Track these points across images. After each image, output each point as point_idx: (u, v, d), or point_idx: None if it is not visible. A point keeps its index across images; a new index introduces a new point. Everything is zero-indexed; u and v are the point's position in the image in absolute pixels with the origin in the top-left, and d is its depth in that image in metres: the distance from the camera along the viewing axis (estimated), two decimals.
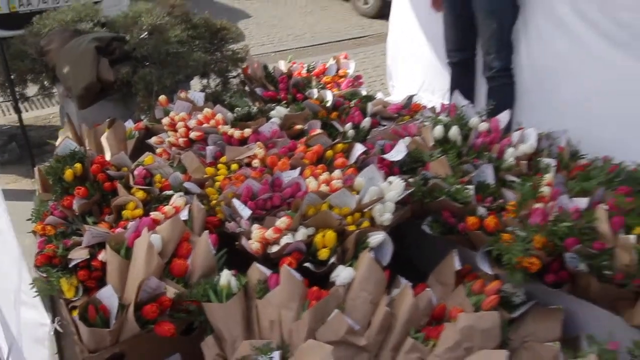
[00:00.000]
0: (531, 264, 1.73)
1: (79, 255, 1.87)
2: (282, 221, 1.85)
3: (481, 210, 1.96)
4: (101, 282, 1.85)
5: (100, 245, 1.89)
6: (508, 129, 2.51)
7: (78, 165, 2.11)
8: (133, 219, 1.97)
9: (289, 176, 2.08)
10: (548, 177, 2.02)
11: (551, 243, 1.75)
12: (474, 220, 1.91)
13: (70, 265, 1.86)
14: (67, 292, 1.82)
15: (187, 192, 2.13)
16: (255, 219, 1.96)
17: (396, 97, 3.29)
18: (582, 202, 1.86)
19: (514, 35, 2.77)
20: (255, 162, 2.24)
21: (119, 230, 1.94)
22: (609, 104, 2.45)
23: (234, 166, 2.26)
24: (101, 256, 1.86)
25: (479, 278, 1.81)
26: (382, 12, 6.14)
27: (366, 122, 2.59)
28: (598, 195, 1.89)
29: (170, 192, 2.11)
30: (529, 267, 1.73)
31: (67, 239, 1.98)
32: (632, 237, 1.68)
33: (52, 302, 2.25)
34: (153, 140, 2.53)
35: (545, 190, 1.95)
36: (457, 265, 1.87)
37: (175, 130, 2.47)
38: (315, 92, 2.81)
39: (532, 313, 1.79)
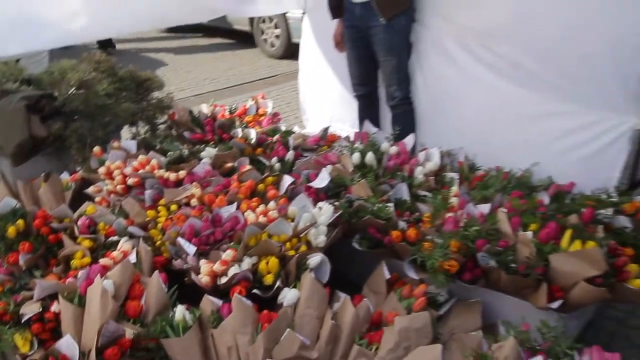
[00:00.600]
0: (450, 266, 1.86)
1: (31, 309, 1.82)
2: (227, 254, 1.89)
3: (402, 224, 2.09)
4: (55, 333, 1.81)
5: (52, 297, 1.85)
6: (414, 150, 2.68)
7: (20, 222, 2.06)
8: (82, 267, 1.94)
9: (227, 211, 2.13)
10: (454, 189, 2.20)
11: (465, 246, 1.90)
12: (397, 234, 2.03)
13: (22, 321, 1.80)
14: (22, 347, 1.77)
15: (131, 236, 2.12)
16: (200, 254, 1.99)
17: (311, 129, 3.41)
18: (485, 208, 2.04)
19: (411, 68, 2.94)
20: (194, 201, 2.26)
21: (69, 280, 1.90)
22: (495, 122, 2.66)
23: (174, 207, 2.27)
24: (54, 307, 1.82)
25: (407, 284, 1.91)
26: (288, 53, 6.35)
27: (290, 155, 2.68)
28: (497, 200, 2.09)
29: (116, 237, 2.09)
30: (448, 269, 1.86)
31: (17, 295, 1.91)
32: (529, 234, 1.87)
33: None
34: (91, 189, 2.49)
35: (453, 200, 2.12)
36: (386, 275, 1.98)
37: (112, 179, 2.45)
38: (239, 132, 2.86)
39: (455, 308, 1.91)
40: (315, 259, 1.90)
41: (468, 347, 1.68)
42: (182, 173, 2.44)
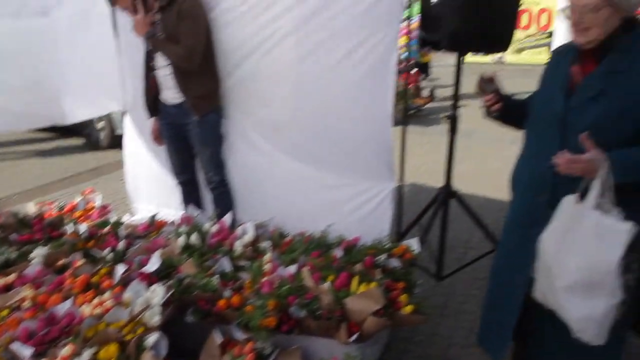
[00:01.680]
0: (270, 322, 2.03)
1: None
2: (66, 350, 1.83)
3: (227, 293, 2.21)
4: None
5: None
6: (233, 226, 2.85)
7: None
8: None
9: (63, 308, 2.05)
10: (267, 256, 2.40)
11: (279, 303, 2.08)
12: (223, 302, 2.14)
13: None
14: None
15: None
16: (39, 354, 1.88)
17: (140, 216, 3.39)
18: (293, 269, 2.27)
19: (224, 155, 3.10)
20: (27, 303, 2.13)
21: None
22: (295, 195, 2.91)
23: (4, 313, 2.11)
24: None
25: (237, 344, 2.04)
26: (113, 143, 6.13)
27: (121, 244, 2.65)
28: (301, 261, 2.33)
29: None
30: (268, 324, 2.02)
31: None
32: (327, 284, 2.13)
33: None
34: None
35: (267, 266, 2.32)
36: (218, 340, 2.06)
37: None
38: (70, 227, 2.77)
39: (280, 357, 2.07)
40: (152, 338, 1.92)
41: None
42: (11, 277, 2.28)
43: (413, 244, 2.50)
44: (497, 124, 2.06)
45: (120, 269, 2.31)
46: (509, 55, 14.17)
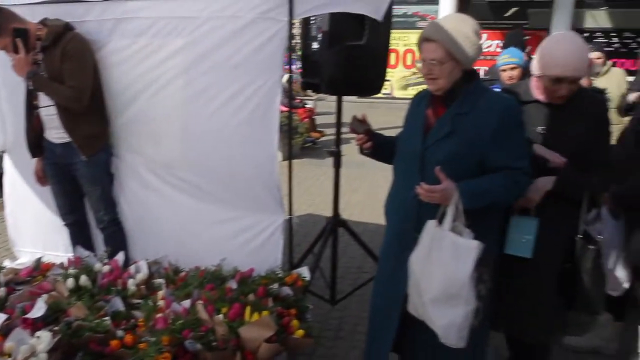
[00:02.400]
0: (165, 357, 2.04)
1: None
2: None
3: (119, 333, 2.19)
4: None
5: None
6: (127, 265, 2.81)
7: None
8: None
9: None
10: (161, 293, 2.41)
11: (174, 338, 2.10)
12: (116, 342, 2.11)
13: None
14: None
15: None
16: None
17: (24, 260, 3.21)
18: (187, 303, 2.31)
19: (115, 194, 3.05)
20: None
21: None
22: (189, 231, 2.93)
23: None
24: None
25: None
26: None
27: (1, 291, 2.51)
28: (195, 295, 2.37)
29: None
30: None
31: None
32: (220, 316, 2.20)
33: None
34: None
35: (161, 302, 2.33)
36: None
37: None
38: None
39: None
40: None
41: None
42: None
43: (304, 272, 2.65)
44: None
45: (1, 318, 2.19)
46: (396, 91, 15.31)
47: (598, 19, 16.13)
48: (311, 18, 2.80)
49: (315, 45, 2.83)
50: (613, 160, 2.44)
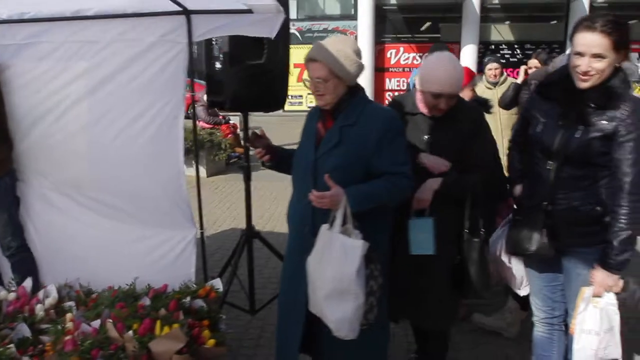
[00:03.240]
0: None
1: None
2: None
3: (26, 359, 2.16)
4: None
5: None
6: (37, 290, 2.75)
7: None
8: None
9: None
10: (69, 315, 2.40)
11: (83, 358, 2.12)
12: None
13: None
14: None
15: None
16: None
17: None
18: (97, 323, 2.31)
19: (22, 219, 2.99)
20: None
21: None
22: (102, 250, 2.91)
23: None
24: None
25: None
26: None
27: None
28: (105, 314, 2.38)
29: None
30: None
31: None
32: (130, 333, 2.22)
33: None
34: None
35: (70, 324, 2.32)
36: None
37: None
38: None
39: None
40: None
41: None
42: None
43: (217, 283, 2.71)
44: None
45: None
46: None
47: (502, 32, 17.38)
48: (213, 39, 2.90)
49: (218, 65, 2.93)
50: (491, 161, 2.71)
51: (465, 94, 3.04)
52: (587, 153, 1.98)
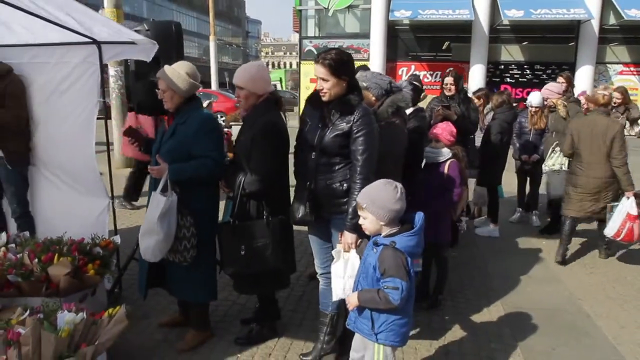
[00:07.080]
0: None
1: None
2: None
3: None
4: None
5: None
6: None
7: None
8: None
9: None
10: (4, 249, 3.41)
11: (2, 274, 3.11)
12: None
13: None
14: None
15: None
16: None
17: None
18: (20, 255, 3.31)
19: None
20: None
21: None
22: (56, 210, 4.01)
23: None
24: None
25: None
26: None
27: None
28: (27, 250, 3.37)
29: None
30: None
31: None
32: (36, 260, 3.20)
33: None
34: None
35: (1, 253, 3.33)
36: None
37: None
38: None
39: (3, 312, 3.06)
40: None
41: None
42: None
43: (117, 238, 3.66)
44: None
45: None
46: None
47: (512, 52, 17.70)
48: (128, 61, 3.89)
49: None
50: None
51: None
52: (334, 146, 2.76)
